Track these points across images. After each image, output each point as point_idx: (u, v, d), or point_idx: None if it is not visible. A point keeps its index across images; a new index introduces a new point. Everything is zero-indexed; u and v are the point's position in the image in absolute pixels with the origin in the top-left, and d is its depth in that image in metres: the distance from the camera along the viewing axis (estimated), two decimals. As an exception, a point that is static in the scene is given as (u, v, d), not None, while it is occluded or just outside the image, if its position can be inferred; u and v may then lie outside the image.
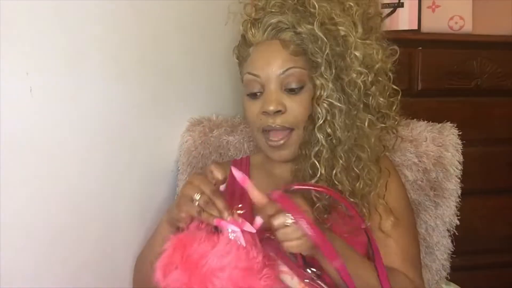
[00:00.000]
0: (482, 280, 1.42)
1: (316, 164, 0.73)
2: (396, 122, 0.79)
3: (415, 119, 1.05)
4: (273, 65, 0.74)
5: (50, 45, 0.71)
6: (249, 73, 0.77)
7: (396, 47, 0.79)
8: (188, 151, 1.03)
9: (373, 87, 0.74)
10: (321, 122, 0.73)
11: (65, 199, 0.76)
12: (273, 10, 0.75)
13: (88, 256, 0.82)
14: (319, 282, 0.67)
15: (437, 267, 0.99)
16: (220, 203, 0.63)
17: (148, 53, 0.95)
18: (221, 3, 0.82)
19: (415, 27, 1.45)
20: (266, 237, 0.69)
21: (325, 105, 0.72)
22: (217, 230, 0.64)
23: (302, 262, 0.69)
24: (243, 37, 0.80)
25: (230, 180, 0.90)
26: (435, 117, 1.06)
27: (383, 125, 0.77)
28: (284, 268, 0.69)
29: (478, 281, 1.40)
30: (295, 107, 0.75)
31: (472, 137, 1.11)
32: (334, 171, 0.73)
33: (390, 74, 0.77)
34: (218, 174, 0.66)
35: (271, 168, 0.87)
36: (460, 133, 1.01)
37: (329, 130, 0.73)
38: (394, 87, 0.78)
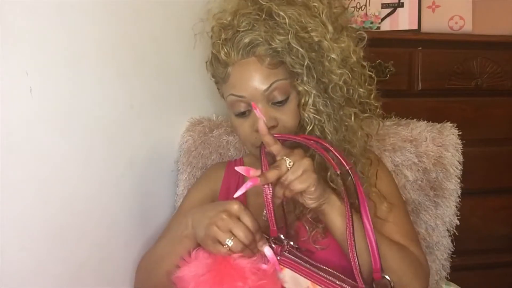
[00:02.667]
0: (482, 280, 1.41)
1: None
2: (378, 109, 0.79)
3: (415, 119, 1.05)
4: (256, 83, 0.73)
5: (50, 45, 0.71)
6: (233, 95, 0.76)
7: (363, 33, 0.78)
8: (188, 151, 1.03)
9: (353, 80, 0.74)
10: (310, 128, 0.73)
11: (65, 199, 0.76)
12: (242, 28, 0.74)
13: (88, 256, 0.82)
14: (289, 255, 0.67)
15: (437, 267, 1.00)
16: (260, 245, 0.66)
17: (148, 53, 0.95)
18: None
19: (415, 27, 1.45)
20: None
21: (311, 111, 0.73)
22: None
23: (285, 231, 0.70)
24: (216, 56, 0.78)
25: (225, 181, 0.90)
26: (435, 117, 1.06)
27: (366, 114, 0.78)
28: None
29: (478, 281, 1.40)
30: (285, 118, 0.75)
31: (472, 137, 1.11)
32: (328, 173, 0.73)
33: (363, 62, 0.77)
34: (250, 225, 0.65)
35: None
36: (460, 133, 1.02)
37: (318, 134, 0.73)
38: (370, 73, 0.77)
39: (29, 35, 0.68)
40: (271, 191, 0.63)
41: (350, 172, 0.63)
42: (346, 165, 0.63)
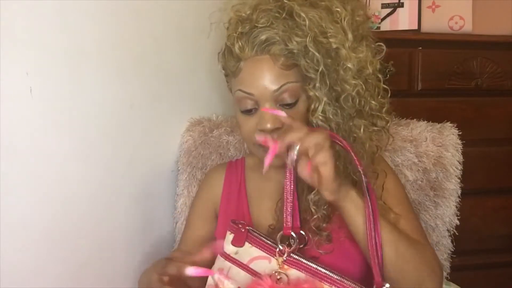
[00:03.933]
0: (482, 280, 1.42)
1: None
2: (388, 123, 0.77)
3: (415, 119, 1.05)
4: (266, 83, 0.72)
5: (50, 45, 0.72)
6: (242, 91, 0.75)
7: (382, 44, 0.77)
8: (188, 151, 1.03)
9: (366, 92, 0.72)
10: None
11: (65, 199, 0.76)
12: (260, 25, 0.72)
13: (88, 256, 0.82)
14: (296, 257, 0.67)
15: (437, 267, 1.00)
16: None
17: (148, 53, 0.95)
18: (221, 3, 0.82)
19: (415, 27, 1.45)
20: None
21: (320, 118, 0.71)
22: None
23: (298, 226, 0.69)
24: (229, 49, 0.77)
25: (226, 183, 0.90)
26: (435, 117, 1.06)
27: (375, 127, 0.76)
28: (257, 253, 0.68)
29: (478, 281, 1.40)
30: None
31: (472, 137, 1.11)
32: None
33: (380, 75, 0.75)
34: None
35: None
36: (460, 133, 1.01)
37: None
38: (384, 86, 0.76)
39: (29, 35, 0.68)
40: (293, 182, 0.63)
41: (365, 184, 0.63)
42: (364, 179, 0.63)
